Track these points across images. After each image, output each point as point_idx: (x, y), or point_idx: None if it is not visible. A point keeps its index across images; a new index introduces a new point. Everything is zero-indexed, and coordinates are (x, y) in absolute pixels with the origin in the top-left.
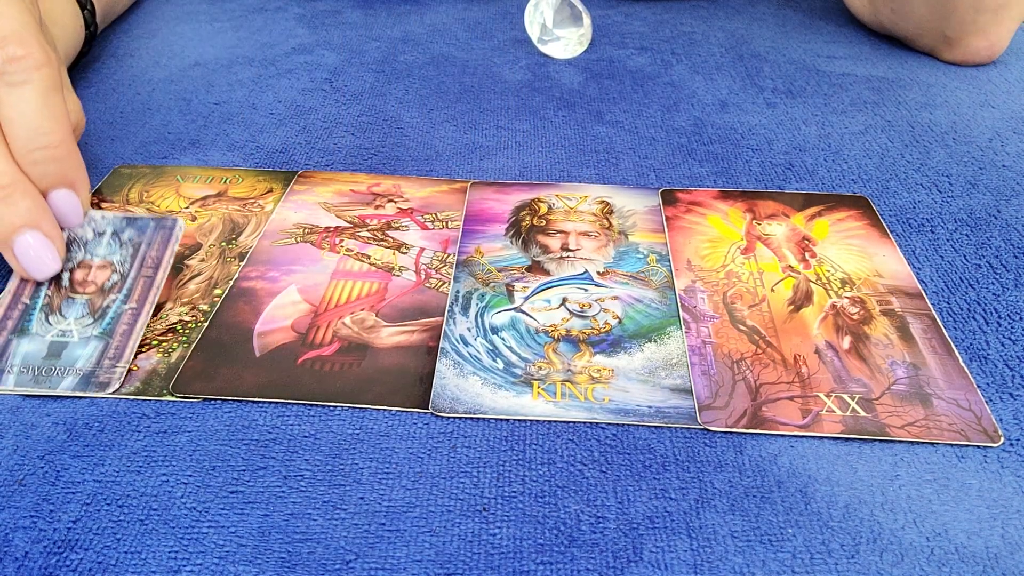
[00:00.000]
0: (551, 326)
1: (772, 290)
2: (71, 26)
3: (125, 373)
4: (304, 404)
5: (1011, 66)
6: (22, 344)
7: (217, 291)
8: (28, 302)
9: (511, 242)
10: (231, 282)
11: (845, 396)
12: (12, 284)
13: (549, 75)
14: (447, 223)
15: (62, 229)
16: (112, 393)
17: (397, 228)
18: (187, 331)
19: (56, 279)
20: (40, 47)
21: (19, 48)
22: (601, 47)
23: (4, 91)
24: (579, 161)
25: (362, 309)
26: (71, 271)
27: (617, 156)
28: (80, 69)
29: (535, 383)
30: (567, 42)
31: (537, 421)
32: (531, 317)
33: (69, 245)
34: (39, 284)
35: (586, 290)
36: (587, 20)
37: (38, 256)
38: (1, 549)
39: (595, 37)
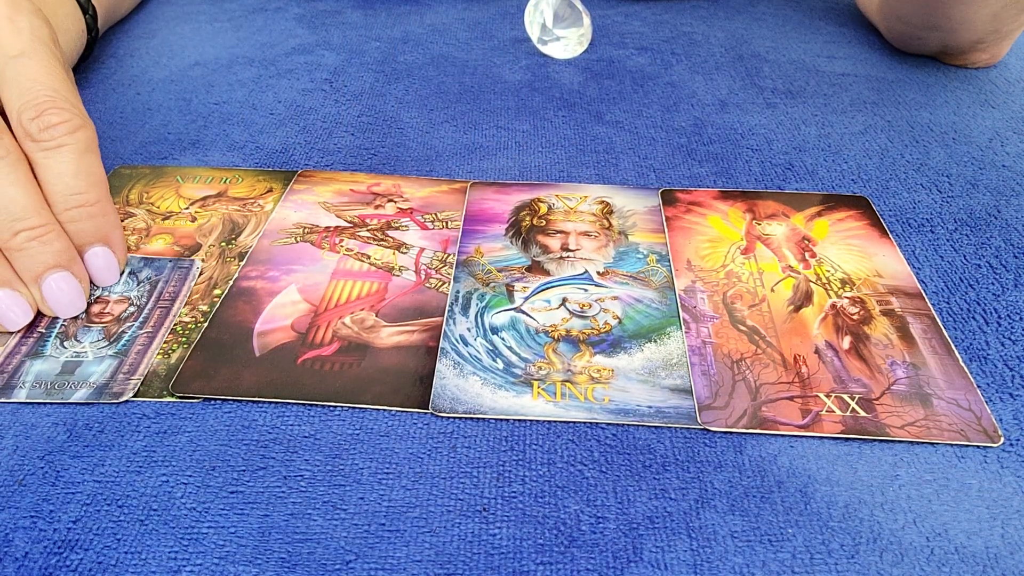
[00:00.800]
0: (551, 326)
1: (772, 290)
2: (73, 31)
3: (139, 384)
4: (304, 404)
5: (1011, 66)
6: (35, 364)
7: (217, 291)
8: (44, 331)
9: (511, 242)
10: (231, 282)
11: (845, 396)
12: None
13: (549, 75)
14: (447, 223)
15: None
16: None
17: (397, 228)
18: (187, 332)
19: None
20: (77, 111)
21: (56, 115)
22: (601, 47)
23: (41, 155)
24: (579, 161)
25: (362, 309)
26: (88, 304)
27: (617, 156)
28: (80, 70)
29: (535, 383)
30: (567, 42)
31: (537, 421)
32: (531, 317)
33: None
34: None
35: (586, 290)
36: (587, 20)
37: (65, 296)
38: (1, 549)
39: (595, 37)
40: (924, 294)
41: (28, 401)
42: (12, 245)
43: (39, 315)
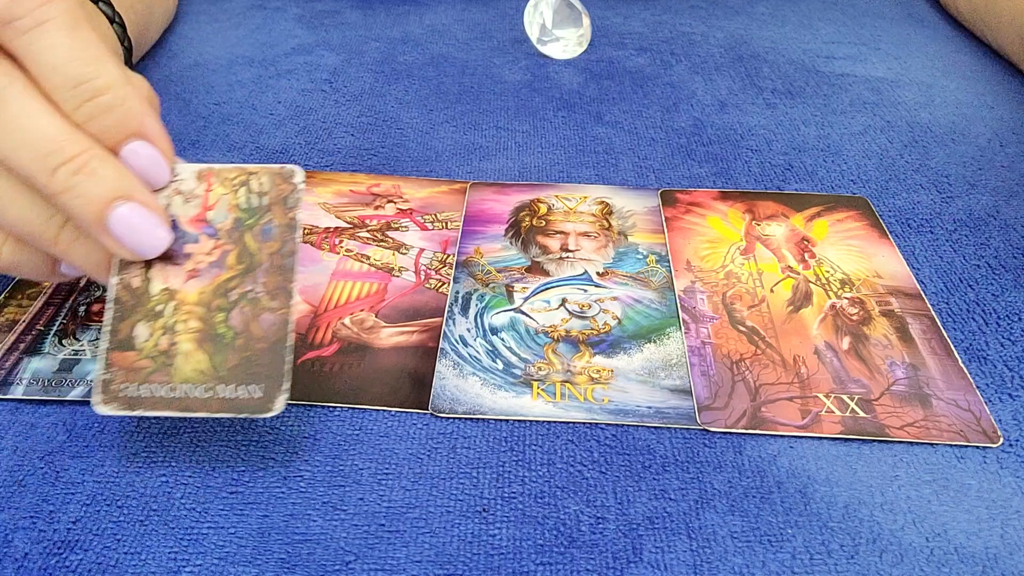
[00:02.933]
0: (551, 327)
1: (771, 291)
2: (109, 40)
3: None
4: (304, 404)
5: (1011, 66)
6: (33, 361)
7: None
8: (42, 328)
9: (511, 243)
10: None
11: (844, 397)
12: (29, 314)
13: (548, 76)
14: (447, 224)
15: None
16: None
17: (397, 229)
18: None
19: (73, 310)
20: None
21: None
22: (600, 47)
23: (21, 42)
24: (578, 162)
25: (362, 310)
26: (88, 304)
27: (616, 157)
28: None
29: (535, 384)
30: (566, 43)
31: (537, 422)
32: (530, 318)
33: (88, 285)
34: (57, 311)
35: (585, 291)
36: (586, 21)
37: (141, 228)
38: (1, 550)
39: (594, 38)
40: (923, 295)
41: (25, 398)
42: (55, 187)
43: (39, 314)
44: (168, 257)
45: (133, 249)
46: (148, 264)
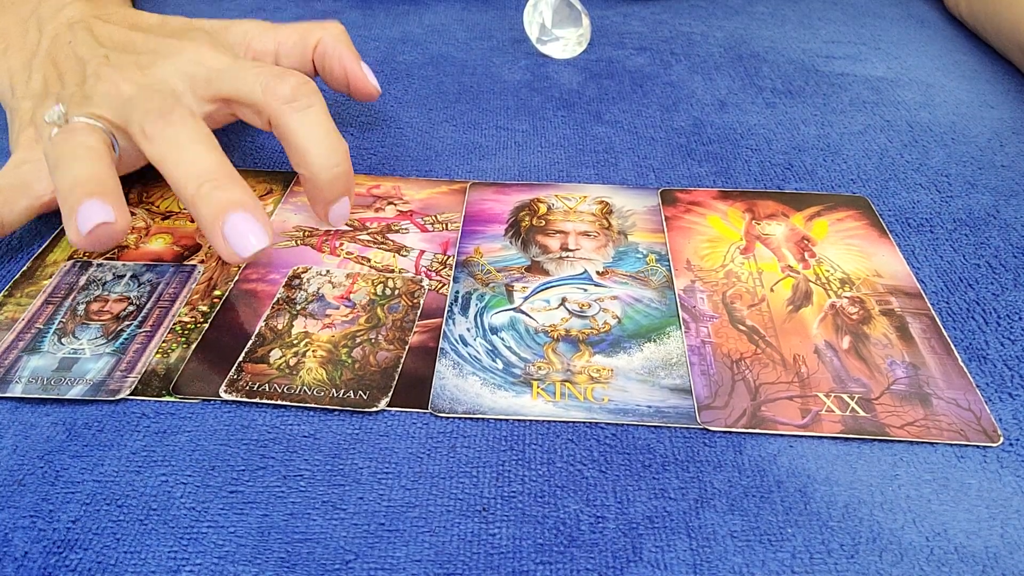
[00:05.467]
0: (550, 326)
1: (771, 290)
2: None
3: (136, 382)
4: (304, 404)
5: (1011, 66)
6: (32, 360)
7: (217, 292)
8: (42, 327)
9: (510, 242)
10: (231, 284)
11: (844, 396)
12: (28, 312)
13: (548, 75)
14: (447, 225)
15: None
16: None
17: (397, 231)
18: (186, 331)
19: (72, 309)
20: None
21: (298, 78)
22: (600, 47)
23: (297, 117)
24: (578, 161)
25: None
26: (87, 303)
27: (616, 156)
28: None
29: (534, 383)
30: (566, 42)
31: (536, 421)
32: (530, 317)
33: (87, 285)
34: (57, 310)
35: (585, 290)
36: (586, 20)
37: (246, 232)
38: (1, 549)
39: (594, 37)
40: (923, 294)
41: (24, 396)
42: (196, 196)
43: (38, 313)
44: (310, 314)
45: (235, 248)
46: (292, 315)
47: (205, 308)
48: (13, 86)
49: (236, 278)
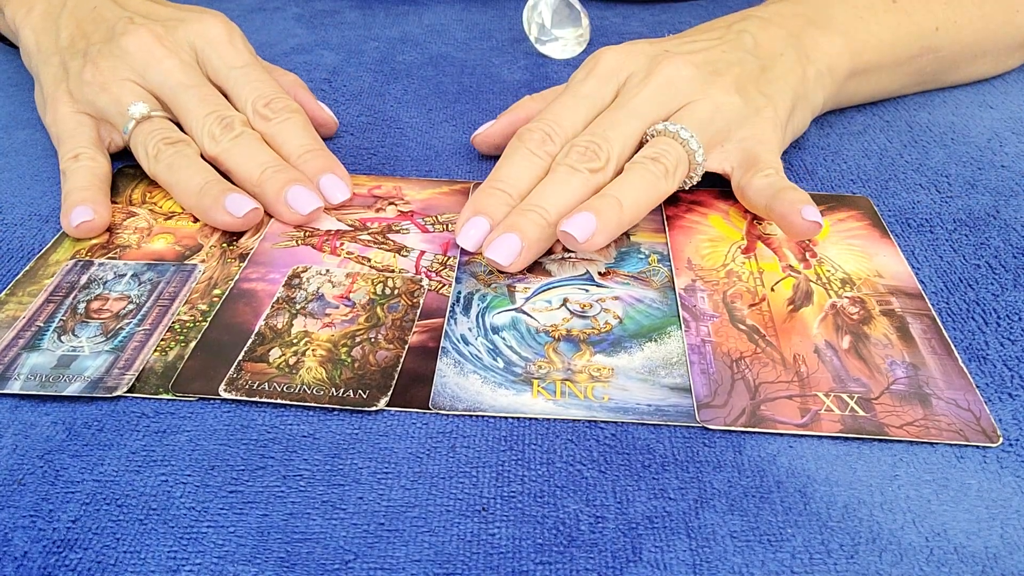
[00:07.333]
0: (552, 326)
1: (772, 289)
2: None
3: (134, 380)
4: (304, 404)
5: None
6: (31, 357)
7: (216, 291)
8: (42, 324)
9: None
10: (231, 283)
11: (844, 396)
12: (29, 310)
13: (548, 75)
14: (447, 226)
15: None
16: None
17: (398, 231)
18: (185, 330)
19: (72, 308)
20: (293, 101)
21: (281, 102)
22: (599, 47)
23: (275, 128)
24: None
25: None
26: (88, 302)
27: None
28: None
29: (535, 381)
30: (565, 42)
31: (536, 420)
32: (532, 317)
33: (89, 284)
34: (57, 308)
35: (587, 290)
36: (585, 20)
37: (307, 197)
38: (0, 549)
39: (593, 37)
40: (924, 294)
41: (22, 393)
42: (260, 179)
43: (39, 311)
44: (310, 313)
45: (298, 210)
46: (292, 314)
47: (204, 307)
48: (39, 43)
49: (236, 277)
